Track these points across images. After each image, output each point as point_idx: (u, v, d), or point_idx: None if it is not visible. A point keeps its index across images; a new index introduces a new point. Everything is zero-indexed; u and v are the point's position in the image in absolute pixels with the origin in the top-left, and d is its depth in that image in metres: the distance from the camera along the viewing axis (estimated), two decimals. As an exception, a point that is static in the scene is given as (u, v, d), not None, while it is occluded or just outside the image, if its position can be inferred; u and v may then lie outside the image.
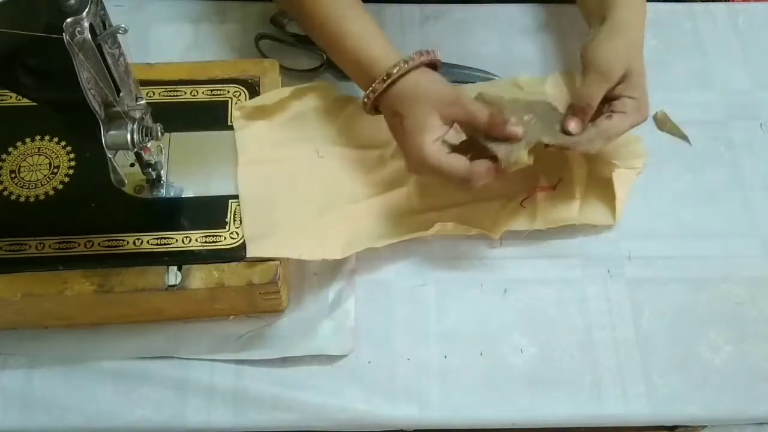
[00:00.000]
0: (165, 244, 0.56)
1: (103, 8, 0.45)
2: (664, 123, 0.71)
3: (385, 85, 0.59)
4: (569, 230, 0.65)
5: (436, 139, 0.57)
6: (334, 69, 0.73)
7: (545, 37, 0.77)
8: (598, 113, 0.61)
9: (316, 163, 0.64)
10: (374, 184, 0.65)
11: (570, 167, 0.67)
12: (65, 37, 0.42)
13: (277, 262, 0.55)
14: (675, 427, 0.65)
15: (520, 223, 0.64)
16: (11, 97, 0.61)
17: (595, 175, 0.66)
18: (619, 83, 0.61)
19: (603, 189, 0.66)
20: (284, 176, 0.62)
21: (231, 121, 0.62)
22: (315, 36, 0.66)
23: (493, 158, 0.56)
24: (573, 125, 0.60)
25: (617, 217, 0.65)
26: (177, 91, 0.63)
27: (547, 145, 0.58)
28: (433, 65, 0.61)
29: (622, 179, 0.65)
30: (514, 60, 0.75)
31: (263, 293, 0.57)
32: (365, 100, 0.61)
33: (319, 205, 0.61)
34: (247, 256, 0.55)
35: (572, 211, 0.65)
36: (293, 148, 0.64)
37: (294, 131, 0.65)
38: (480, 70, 0.73)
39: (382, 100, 0.60)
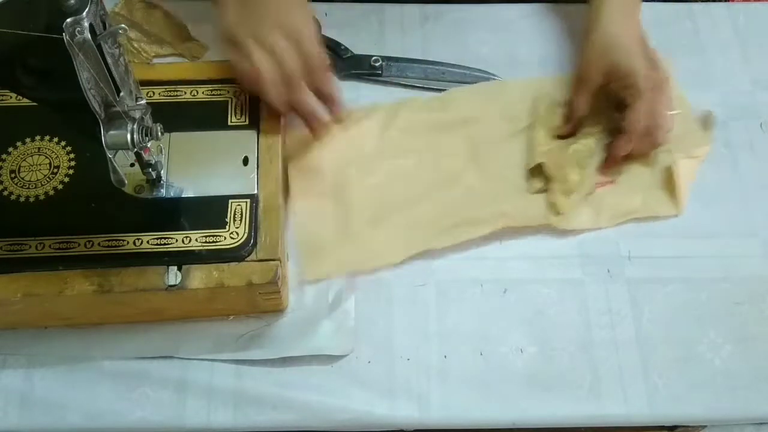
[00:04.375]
0: (165, 244, 0.56)
1: (103, 8, 0.45)
2: (706, 124, 0.71)
3: None
4: (569, 230, 0.65)
5: None
6: (334, 68, 0.73)
7: (545, 36, 0.77)
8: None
9: (362, 182, 0.65)
10: (427, 186, 0.65)
11: (628, 159, 0.67)
12: (65, 37, 0.42)
13: (277, 262, 0.56)
14: (675, 427, 0.65)
15: (586, 221, 0.65)
16: (11, 97, 0.61)
17: (656, 165, 0.67)
18: (610, 81, 0.64)
19: (665, 179, 0.66)
20: (333, 200, 0.63)
21: (230, 122, 0.62)
22: None
23: None
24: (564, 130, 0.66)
25: (681, 206, 0.65)
26: (177, 91, 0.63)
27: None
28: None
29: (684, 168, 0.65)
30: (514, 60, 0.75)
31: (263, 293, 0.57)
32: None
33: (368, 220, 0.62)
34: (307, 277, 0.58)
35: (635, 202, 0.65)
36: (342, 173, 0.65)
37: (343, 154, 0.66)
38: (480, 70, 0.73)
39: None
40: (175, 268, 0.55)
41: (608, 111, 0.68)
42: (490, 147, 0.68)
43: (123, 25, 0.45)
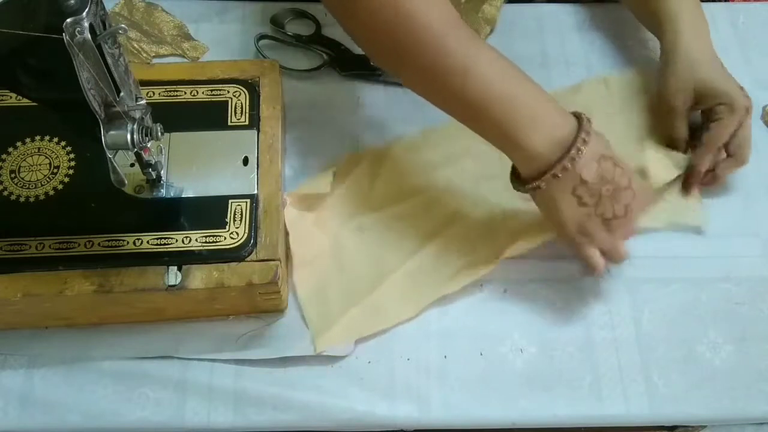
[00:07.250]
0: (165, 244, 0.56)
1: (103, 8, 0.45)
2: None
3: (589, 135, 0.54)
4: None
5: None
6: (334, 68, 0.73)
7: (545, 37, 0.77)
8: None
9: (360, 240, 0.63)
10: (424, 233, 0.64)
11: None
12: (65, 37, 0.42)
13: (277, 262, 0.56)
14: (675, 427, 0.65)
15: None
16: (11, 97, 0.61)
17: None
18: (699, 101, 0.65)
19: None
20: (334, 265, 0.62)
21: (230, 122, 0.62)
22: (448, 85, 0.55)
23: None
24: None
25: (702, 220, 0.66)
26: (177, 91, 0.63)
27: None
28: None
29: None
30: (515, 60, 0.74)
31: (263, 293, 0.57)
32: (570, 157, 0.53)
33: (371, 280, 0.61)
34: (316, 351, 0.58)
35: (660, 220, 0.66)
36: (339, 234, 0.64)
37: (337, 214, 0.65)
38: (480, 70, 0.73)
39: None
40: (175, 268, 0.55)
41: None
42: (483, 180, 0.67)
43: (123, 25, 0.45)
